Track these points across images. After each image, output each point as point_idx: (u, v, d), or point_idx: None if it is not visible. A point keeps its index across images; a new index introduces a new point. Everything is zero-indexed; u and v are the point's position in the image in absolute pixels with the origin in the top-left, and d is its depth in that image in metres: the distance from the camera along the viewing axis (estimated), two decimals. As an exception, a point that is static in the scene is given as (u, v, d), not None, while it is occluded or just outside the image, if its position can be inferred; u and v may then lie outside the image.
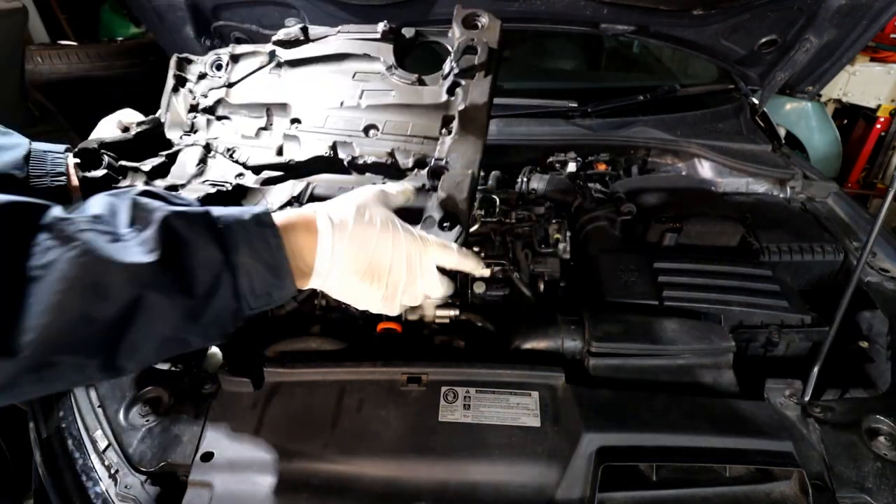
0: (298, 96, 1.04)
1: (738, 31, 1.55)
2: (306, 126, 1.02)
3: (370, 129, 0.97)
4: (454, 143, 0.88)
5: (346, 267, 0.67)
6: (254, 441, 0.83)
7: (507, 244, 1.26)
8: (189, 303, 0.54)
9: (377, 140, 0.96)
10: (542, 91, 1.92)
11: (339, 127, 0.99)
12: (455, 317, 1.07)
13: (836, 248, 1.28)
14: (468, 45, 0.91)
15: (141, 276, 0.50)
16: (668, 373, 0.92)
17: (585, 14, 1.53)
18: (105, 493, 0.83)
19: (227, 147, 1.05)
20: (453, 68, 0.92)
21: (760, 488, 0.78)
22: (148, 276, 0.50)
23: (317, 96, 1.03)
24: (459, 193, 0.82)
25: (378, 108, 0.98)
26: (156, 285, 0.51)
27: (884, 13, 1.37)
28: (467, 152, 0.87)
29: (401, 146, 0.94)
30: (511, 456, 0.80)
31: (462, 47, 0.91)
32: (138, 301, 0.50)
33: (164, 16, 1.53)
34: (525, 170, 1.63)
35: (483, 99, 0.90)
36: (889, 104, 3.24)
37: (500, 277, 1.18)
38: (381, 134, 0.96)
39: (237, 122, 1.08)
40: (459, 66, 0.91)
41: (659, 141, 1.69)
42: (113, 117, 1.11)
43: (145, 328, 0.52)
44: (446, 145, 0.88)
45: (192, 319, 0.55)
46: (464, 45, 0.91)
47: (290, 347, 1.00)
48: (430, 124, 0.94)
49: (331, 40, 1.04)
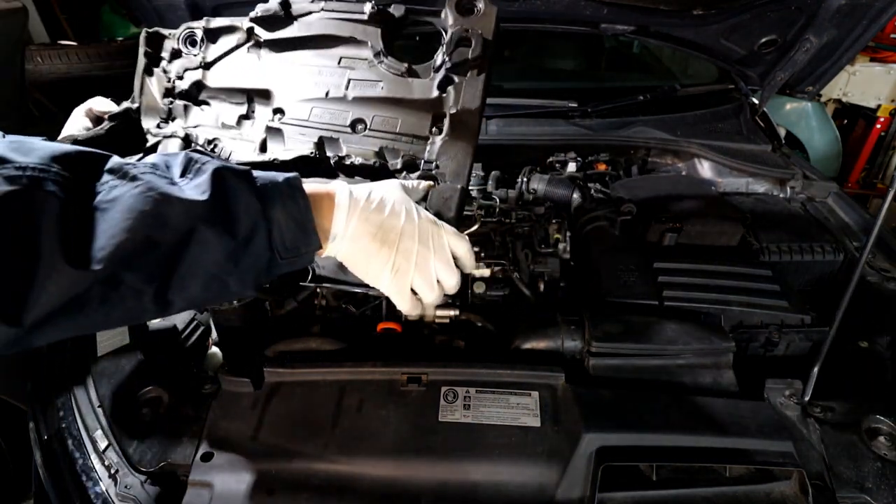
0: (281, 83, 1.00)
1: (738, 31, 1.55)
2: (290, 118, 0.98)
3: (357, 125, 0.94)
4: (444, 145, 0.86)
5: (359, 229, 0.69)
6: (254, 441, 0.83)
7: (507, 244, 1.26)
8: (232, 243, 0.59)
9: (364, 137, 0.93)
10: (542, 91, 1.92)
11: (325, 120, 0.96)
12: (455, 317, 1.07)
13: (836, 248, 1.28)
14: (462, 35, 0.87)
15: (196, 211, 0.57)
16: (668, 373, 0.92)
17: (585, 14, 1.53)
18: (105, 493, 0.83)
19: (208, 139, 1.01)
20: (445, 61, 0.88)
21: (760, 488, 0.78)
22: (202, 211, 0.57)
23: (300, 84, 0.98)
24: (447, 211, 0.80)
25: (365, 101, 0.94)
26: (208, 220, 0.57)
27: (884, 13, 1.37)
28: (458, 157, 0.85)
29: (389, 145, 0.91)
30: (511, 456, 0.80)
31: (455, 38, 0.87)
32: (192, 233, 0.56)
33: (164, 16, 1.53)
34: (525, 170, 1.62)
35: (475, 104, 0.87)
36: (889, 104, 3.24)
37: (500, 277, 1.18)
38: (368, 130, 0.93)
39: (217, 108, 1.03)
40: (452, 60, 0.87)
41: (659, 141, 1.69)
42: (83, 106, 1.09)
43: (196, 262, 0.57)
44: (436, 147, 0.86)
45: (233, 261, 0.61)
46: (457, 36, 0.87)
47: (290, 347, 1.00)
48: (419, 122, 0.91)
49: (314, 20, 0.98)
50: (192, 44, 1.05)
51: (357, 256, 0.71)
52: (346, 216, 0.69)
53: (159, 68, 1.06)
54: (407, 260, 0.71)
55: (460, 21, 0.88)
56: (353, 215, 0.69)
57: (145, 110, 1.06)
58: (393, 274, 0.71)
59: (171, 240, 0.56)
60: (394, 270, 0.71)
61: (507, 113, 1.76)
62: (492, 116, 1.74)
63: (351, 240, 0.70)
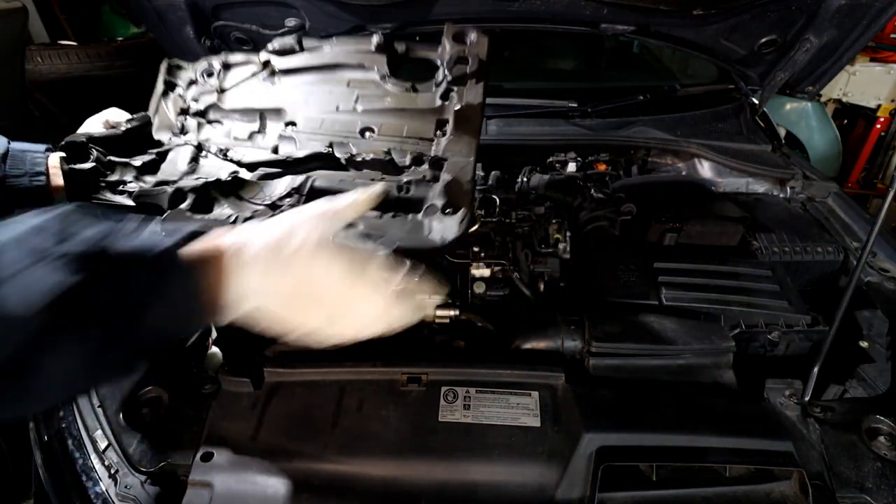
0: (293, 101, 1.05)
1: (738, 31, 1.55)
2: (302, 128, 1.02)
3: (366, 132, 0.98)
4: (450, 142, 0.89)
5: (264, 297, 0.60)
6: (254, 441, 0.83)
7: (507, 244, 1.26)
8: (90, 345, 0.50)
9: (373, 141, 0.97)
10: (542, 91, 1.92)
11: (336, 129, 1.00)
12: (455, 317, 1.07)
13: (836, 248, 1.28)
14: (460, 55, 0.94)
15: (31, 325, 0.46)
16: (668, 373, 0.92)
17: (585, 14, 1.53)
18: (105, 493, 0.83)
19: (220, 148, 1.04)
20: (446, 76, 0.95)
21: (760, 488, 0.78)
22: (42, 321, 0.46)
23: (312, 101, 1.04)
24: (464, 175, 0.83)
25: (373, 112, 1.00)
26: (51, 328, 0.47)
27: (884, 13, 1.37)
28: (463, 150, 0.88)
29: (397, 146, 0.95)
30: (511, 456, 0.80)
31: (454, 57, 0.94)
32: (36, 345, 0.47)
33: (164, 16, 1.53)
34: (525, 170, 1.63)
35: (478, 100, 0.91)
36: (889, 104, 3.24)
37: (500, 277, 1.18)
38: (377, 135, 0.98)
39: (229, 125, 1.07)
40: (452, 75, 0.94)
41: (659, 141, 1.69)
42: (99, 116, 1.10)
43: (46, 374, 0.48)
44: (442, 144, 0.90)
45: (94, 365, 0.51)
46: (455, 56, 0.94)
47: (290, 347, 0.99)
48: (424, 126, 0.96)
49: (325, 50, 1.05)
50: (209, 76, 1.10)
51: (273, 324, 0.61)
52: (243, 279, 0.58)
53: (175, 92, 1.10)
54: (334, 318, 0.63)
55: (456, 48, 0.96)
56: (253, 277, 0.58)
57: (158, 127, 1.09)
58: (326, 331, 0.63)
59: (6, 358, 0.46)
60: (323, 329, 0.63)
61: (507, 113, 1.76)
62: (492, 116, 1.74)
63: (260, 309, 0.60)
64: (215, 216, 0.90)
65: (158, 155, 1.04)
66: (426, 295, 0.71)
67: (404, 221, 0.79)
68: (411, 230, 0.78)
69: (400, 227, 0.78)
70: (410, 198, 0.84)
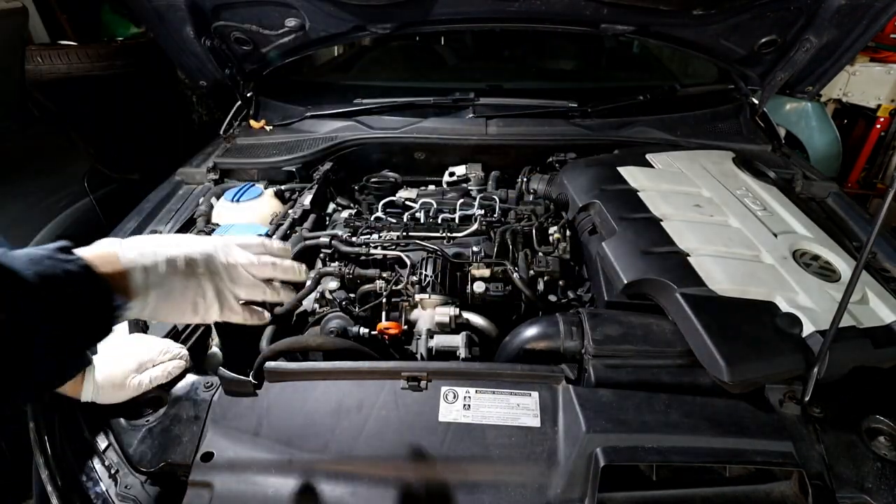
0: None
1: (738, 31, 1.55)
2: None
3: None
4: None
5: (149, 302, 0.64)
6: (254, 441, 0.83)
7: (507, 244, 1.26)
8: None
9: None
10: (542, 91, 1.92)
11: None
12: (455, 317, 1.07)
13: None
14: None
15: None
16: (668, 373, 0.92)
17: (585, 14, 1.53)
18: (105, 493, 0.83)
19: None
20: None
21: (760, 488, 0.78)
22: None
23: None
24: None
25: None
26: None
27: (884, 13, 1.37)
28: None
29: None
30: (511, 456, 0.80)
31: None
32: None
33: (164, 16, 1.53)
34: (525, 170, 1.63)
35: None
36: (889, 104, 3.24)
37: (500, 277, 1.18)
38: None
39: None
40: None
41: (659, 141, 1.69)
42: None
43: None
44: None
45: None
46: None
47: (290, 347, 0.99)
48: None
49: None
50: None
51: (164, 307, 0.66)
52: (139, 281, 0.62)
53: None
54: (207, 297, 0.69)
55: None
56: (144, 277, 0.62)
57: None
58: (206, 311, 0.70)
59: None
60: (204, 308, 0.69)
61: (507, 113, 1.76)
62: (492, 116, 1.74)
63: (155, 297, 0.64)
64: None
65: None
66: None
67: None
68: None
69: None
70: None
